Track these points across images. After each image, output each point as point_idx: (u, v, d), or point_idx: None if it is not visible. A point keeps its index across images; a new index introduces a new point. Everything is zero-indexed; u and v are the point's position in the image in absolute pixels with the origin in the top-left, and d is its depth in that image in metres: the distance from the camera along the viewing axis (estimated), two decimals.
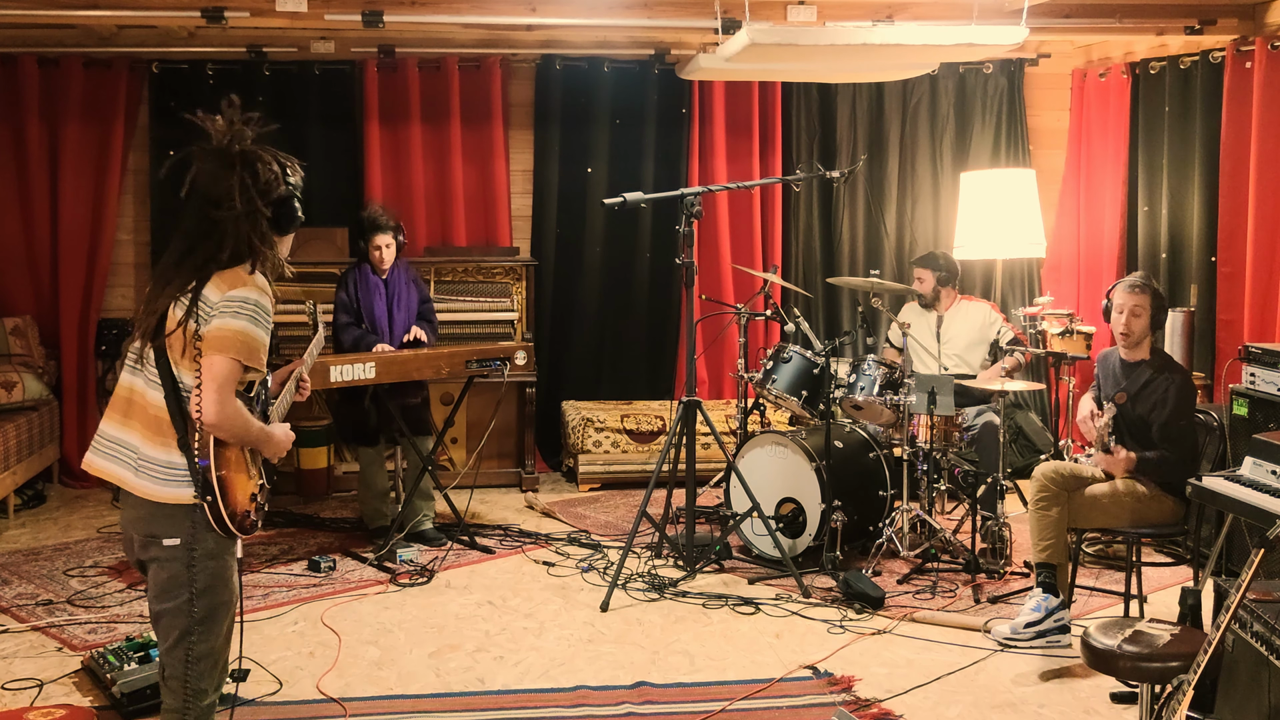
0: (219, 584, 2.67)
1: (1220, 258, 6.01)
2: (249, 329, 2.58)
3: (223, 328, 2.56)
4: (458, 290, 6.61)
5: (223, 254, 2.61)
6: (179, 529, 2.62)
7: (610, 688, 3.85)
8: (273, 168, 2.68)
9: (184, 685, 2.67)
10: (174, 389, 2.60)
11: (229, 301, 2.58)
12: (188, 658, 2.66)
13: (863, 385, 5.23)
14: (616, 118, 7.03)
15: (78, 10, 5.43)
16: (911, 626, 4.41)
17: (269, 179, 2.66)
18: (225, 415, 2.55)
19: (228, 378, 2.55)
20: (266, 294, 2.64)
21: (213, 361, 2.54)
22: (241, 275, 2.62)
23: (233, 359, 2.55)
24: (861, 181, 7.20)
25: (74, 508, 6.20)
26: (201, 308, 2.58)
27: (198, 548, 2.63)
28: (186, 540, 2.62)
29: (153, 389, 2.63)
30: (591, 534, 5.65)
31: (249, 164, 2.65)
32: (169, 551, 2.62)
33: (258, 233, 2.64)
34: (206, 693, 2.70)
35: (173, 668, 2.68)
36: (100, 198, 6.59)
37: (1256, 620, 2.83)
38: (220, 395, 2.54)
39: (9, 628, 4.39)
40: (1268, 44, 5.62)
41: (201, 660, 2.67)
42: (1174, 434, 4.15)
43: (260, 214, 2.64)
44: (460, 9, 5.61)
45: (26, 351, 6.34)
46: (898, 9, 5.68)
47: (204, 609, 2.65)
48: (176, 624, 2.65)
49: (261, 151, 2.69)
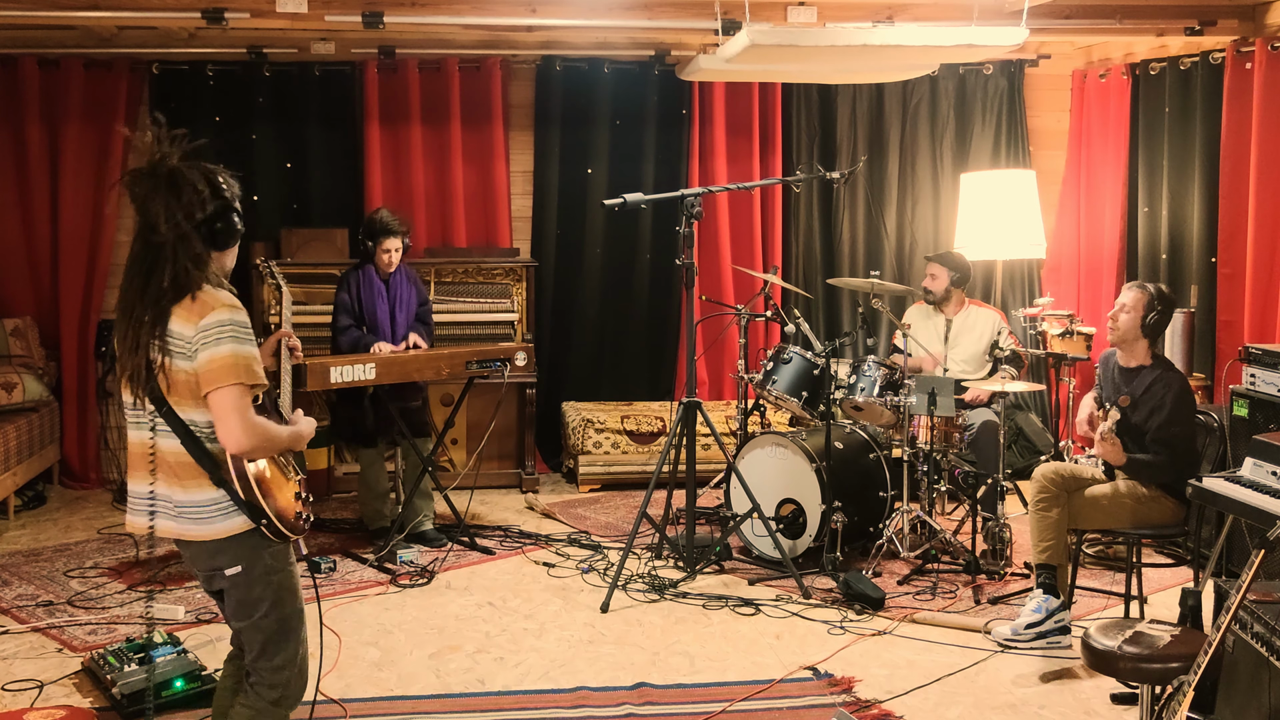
0: (286, 595, 2.75)
1: (1220, 258, 6.01)
2: (238, 350, 2.56)
3: (213, 360, 2.54)
4: (458, 291, 6.61)
5: (164, 280, 2.56)
6: (238, 557, 2.67)
7: (610, 689, 3.85)
8: (197, 186, 2.59)
9: (269, 690, 2.76)
10: (188, 433, 2.60)
11: (205, 332, 2.55)
12: (271, 666, 2.76)
13: (863, 386, 5.23)
14: (616, 119, 7.03)
15: (78, 11, 5.43)
16: (912, 627, 4.41)
17: (191, 199, 2.57)
18: (255, 437, 2.57)
19: (240, 404, 2.55)
20: (237, 307, 2.61)
21: (220, 396, 2.54)
22: (204, 301, 2.57)
23: (235, 384, 2.54)
24: (862, 182, 7.20)
25: (74, 509, 6.20)
26: (175, 344, 2.56)
27: (258, 567, 2.68)
28: (247, 566, 2.68)
29: (166, 437, 2.62)
30: (592, 535, 5.65)
31: (173, 185, 2.57)
32: (233, 579, 2.69)
33: (190, 255, 2.57)
34: (290, 699, 2.80)
35: (258, 675, 2.78)
36: (100, 199, 6.58)
37: (1257, 621, 2.83)
38: (241, 422, 2.54)
39: (9, 629, 4.39)
40: (1268, 45, 5.62)
41: (284, 668, 2.77)
42: (1167, 439, 4.14)
43: (189, 237, 2.58)
44: (460, 10, 5.61)
45: (26, 352, 6.34)
46: (898, 10, 5.68)
47: (275, 622, 2.73)
48: (256, 638, 2.74)
49: (187, 170, 2.60)
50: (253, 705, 2.77)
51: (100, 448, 6.66)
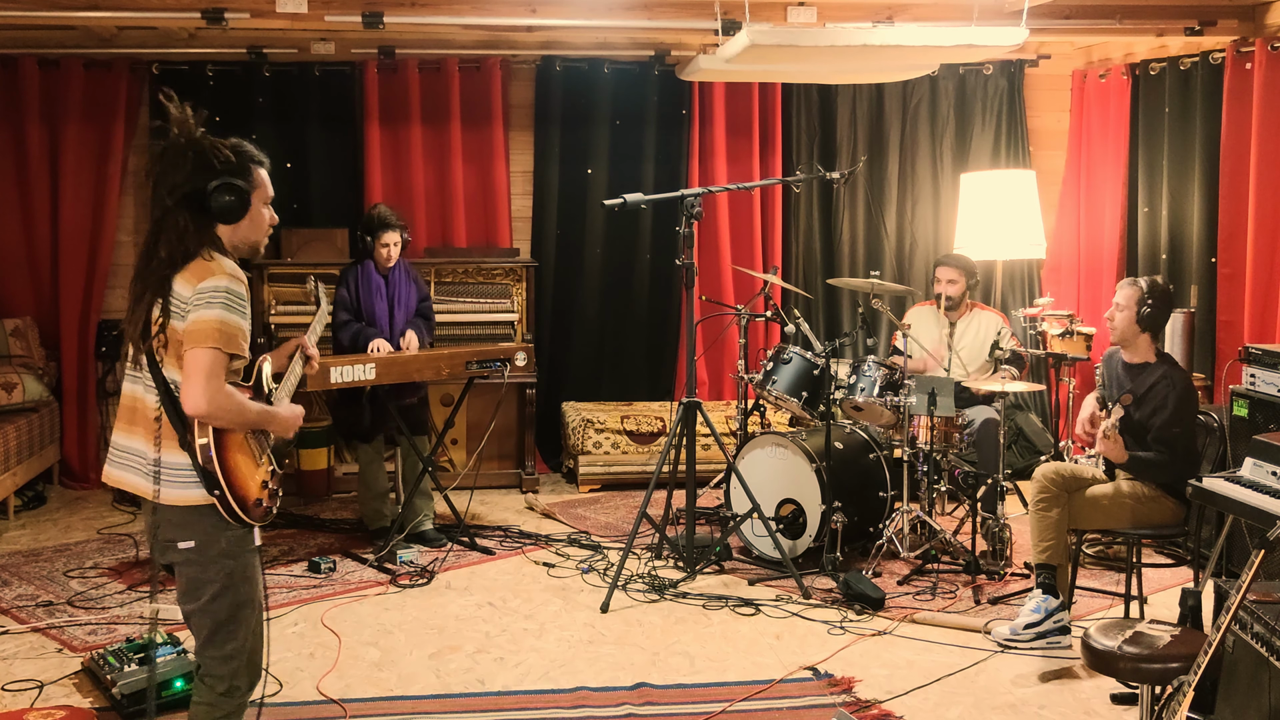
0: (240, 582, 2.70)
1: (1220, 259, 6.01)
2: (224, 316, 2.57)
3: (199, 320, 2.56)
4: (458, 291, 6.61)
5: (163, 250, 2.60)
6: (193, 531, 2.65)
7: (610, 689, 3.85)
8: (216, 153, 2.62)
9: (217, 681, 2.73)
10: (167, 390, 2.61)
11: (200, 294, 2.57)
12: (219, 655, 2.72)
13: (863, 386, 5.23)
14: (616, 119, 7.03)
15: (78, 11, 5.42)
16: (912, 628, 4.41)
17: (184, 171, 2.60)
18: (215, 404, 2.56)
19: (211, 367, 2.54)
20: (238, 279, 2.63)
21: (194, 355, 2.54)
22: (209, 265, 2.60)
23: (212, 349, 2.55)
24: (862, 182, 7.20)
25: (74, 509, 6.20)
26: (175, 304, 2.58)
27: (212, 548, 2.66)
28: (201, 542, 2.65)
29: (149, 393, 2.64)
30: (592, 535, 5.65)
31: (185, 154, 2.61)
32: (186, 554, 2.66)
33: (178, 228, 2.60)
34: (239, 689, 2.76)
35: (205, 665, 2.75)
36: (100, 199, 6.59)
37: (1257, 621, 2.83)
38: (206, 384, 2.53)
39: (9, 629, 4.39)
40: (1268, 45, 5.62)
41: (232, 659, 2.73)
42: (1168, 438, 4.14)
43: (180, 207, 2.60)
44: (460, 10, 5.60)
45: (26, 353, 6.34)
46: (898, 10, 5.67)
47: (227, 608, 2.70)
48: (204, 624, 2.71)
49: (202, 139, 2.63)
50: (205, 699, 2.75)
51: (100, 448, 6.66)
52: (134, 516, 5.94)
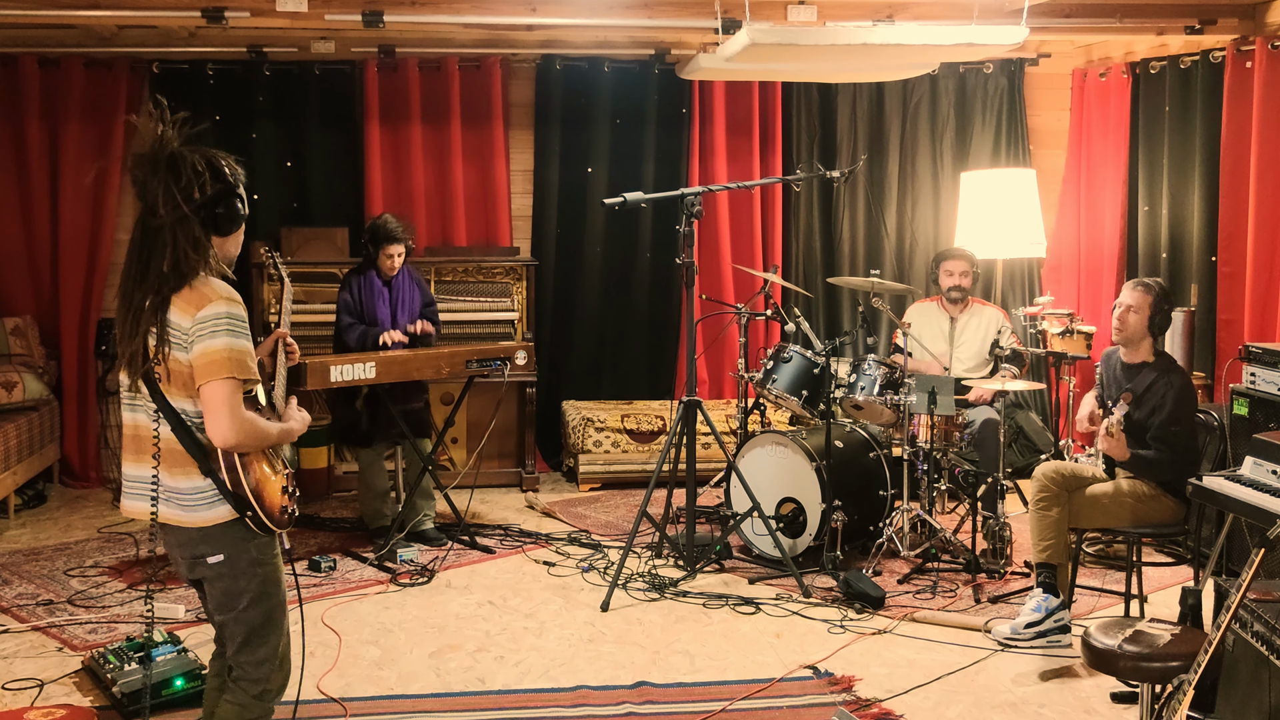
0: (270, 588, 2.73)
1: (1220, 257, 6.01)
2: (231, 343, 2.55)
3: (207, 352, 2.53)
4: (458, 290, 6.61)
5: (164, 265, 2.55)
6: (221, 545, 2.66)
7: (611, 687, 3.85)
8: (197, 168, 2.59)
9: (251, 685, 2.76)
10: (179, 421, 2.60)
11: (201, 324, 2.53)
12: (253, 660, 2.75)
13: (863, 385, 5.23)
14: (616, 118, 7.03)
15: (78, 10, 5.42)
16: (912, 626, 4.41)
17: (190, 181, 2.57)
18: (244, 433, 2.56)
19: (231, 399, 2.54)
20: (235, 300, 2.60)
21: (212, 389, 2.53)
22: (204, 292, 2.56)
23: (228, 379, 2.53)
24: (862, 181, 7.20)
25: (74, 508, 6.20)
26: (174, 334, 2.55)
27: (242, 559, 2.68)
28: (230, 554, 2.67)
29: (157, 424, 2.62)
30: (592, 534, 5.65)
31: (173, 167, 2.57)
32: (216, 569, 2.68)
33: (190, 239, 2.56)
34: (271, 692, 2.80)
35: (240, 669, 2.77)
36: (100, 198, 6.58)
37: (1257, 620, 2.83)
38: (231, 416, 2.54)
39: (9, 628, 4.39)
40: (1268, 44, 5.62)
41: (266, 662, 2.76)
42: (1168, 436, 4.14)
43: (189, 219, 2.56)
44: (460, 9, 5.61)
45: (26, 351, 6.34)
46: (898, 9, 5.67)
47: (260, 615, 2.73)
48: (239, 631, 2.74)
49: (189, 153, 2.60)
50: (238, 700, 2.77)
51: (100, 447, 6.66)
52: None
